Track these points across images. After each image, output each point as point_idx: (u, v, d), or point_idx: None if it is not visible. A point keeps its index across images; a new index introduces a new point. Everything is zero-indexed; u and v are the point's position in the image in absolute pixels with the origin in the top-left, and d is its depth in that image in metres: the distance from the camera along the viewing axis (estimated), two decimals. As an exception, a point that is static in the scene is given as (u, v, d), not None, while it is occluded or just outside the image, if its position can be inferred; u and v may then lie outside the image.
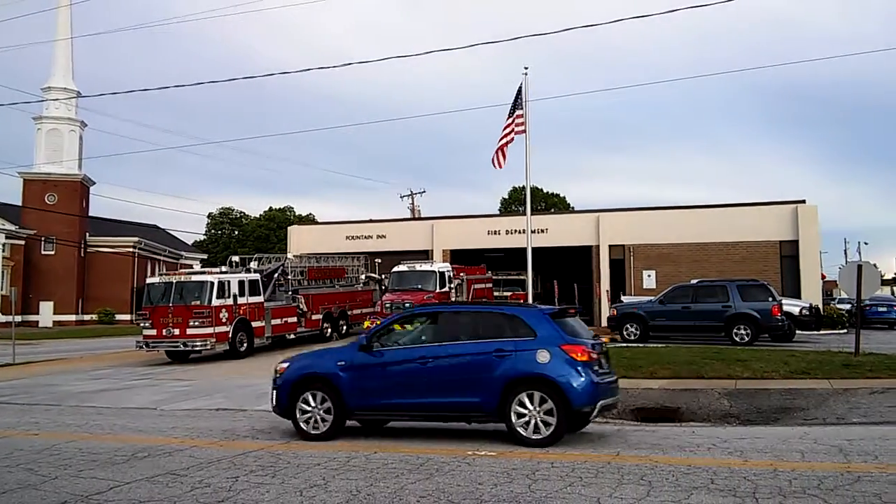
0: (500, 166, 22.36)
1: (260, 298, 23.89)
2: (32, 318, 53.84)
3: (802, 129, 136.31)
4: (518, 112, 22.07)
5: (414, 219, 51.66)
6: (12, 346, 23.82)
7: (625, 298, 29.48)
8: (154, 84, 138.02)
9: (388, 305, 26.68)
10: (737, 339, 21.78)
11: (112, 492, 6.73)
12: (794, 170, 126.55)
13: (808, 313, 25.01)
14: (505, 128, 22.37)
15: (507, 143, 22.26)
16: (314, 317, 27.07)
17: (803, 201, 32.96)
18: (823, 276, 42.53)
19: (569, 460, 7.61)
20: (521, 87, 22.36)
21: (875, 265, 16.88)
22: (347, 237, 39.42)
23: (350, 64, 35.78)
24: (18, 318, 32.56)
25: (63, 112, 57.17)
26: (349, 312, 29.60)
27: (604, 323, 28.40)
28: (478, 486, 6.55)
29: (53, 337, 40.17)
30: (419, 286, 27.44)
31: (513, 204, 77.52)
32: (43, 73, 60.89)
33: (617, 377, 9.86)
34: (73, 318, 56.19)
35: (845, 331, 28.46)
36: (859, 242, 74.74)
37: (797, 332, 24.42)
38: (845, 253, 74.89)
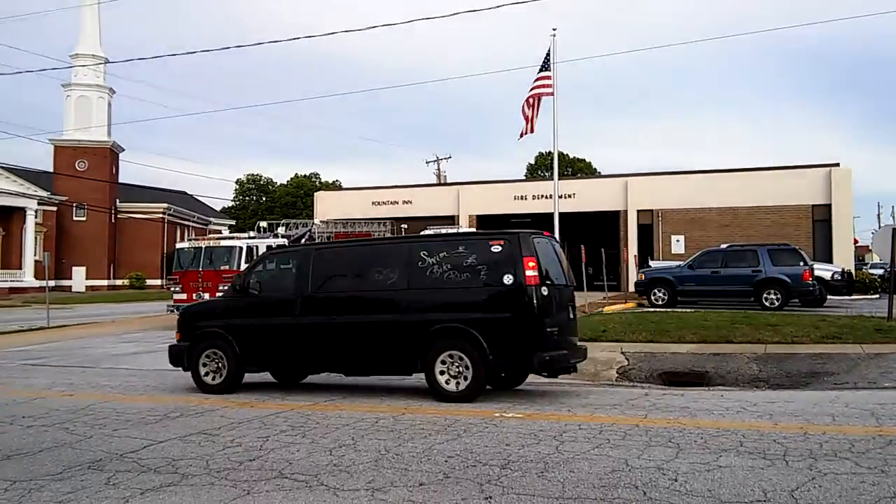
0: (528, 132, 22.06)
1: (288, 263, 24.04)
2: (66, 283, 54.89)
3: (835, 91, 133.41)
4: (545, 73, 21.73)
5: (440, 184, 51.54)
6: (46, 310, 24.29)
7: (653, 263, 29.27)
8: (181, 49, 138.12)
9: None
10: (766, 303, 21.55)
11: (146, 450, 6.86)
12: (825, 133, 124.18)
13: (839, 278, 24.68)
14: (529, 96, 21.95)
15: (535, 109, 21.91)
16: (341, 281, 27.18)
17: (837, 164, 32.32)
18: (856, 241, 41.90)
19: (596, 422, 7.61)
20: (549, 50, 22.02)
21: (910, 229, 16.51)
22: (373, 203, 39.49)
23: (375, 27, 35.44)
24: (52, 283, 33.18)
25: (91, 79, 57.58)
26: (376, 277, 29.70)
27: (631, 288, 28.25)
28: (505, 447, 6.58)
29: (86, 301, 40.92)
30: (446, 251, 27.38)
31: (538, 169, 77.08)
32: (71, 39, 61.18)
33: None
34: (104, 282, 57.20)
35: (877, 296, 28.05)
36: (893, 206, 73.47)
37: (828, 297, 24.10)
38: (878, 217, 73.79)
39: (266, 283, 10.72)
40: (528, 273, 9.06)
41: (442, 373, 9.26)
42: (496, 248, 9.38)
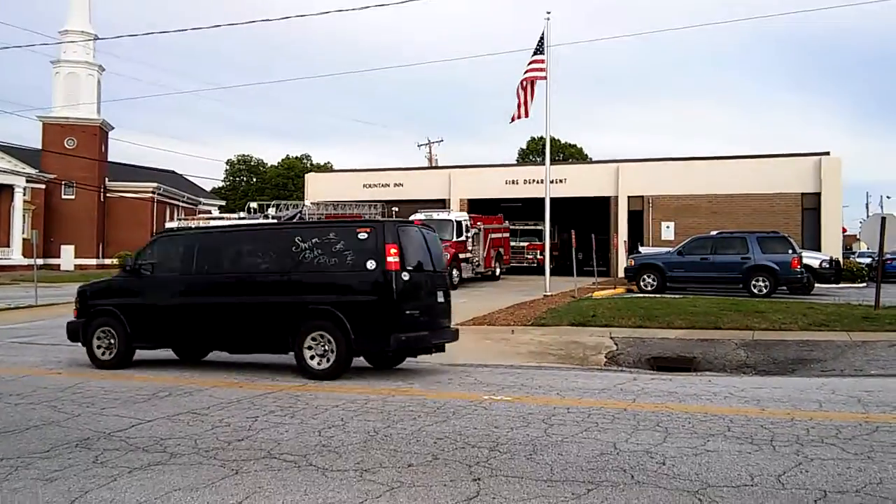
0: (520, 117, 21.90)
1: (277, 244, 23.95)
2: (54, 261, 54.47)
3: (826, 80, 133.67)
4: (539, 57, 21.58)
5: (431, 167, 51.38)
6: (34, 288, 24.14)
7: (643, 249, 29.30)
8: (171, 27, 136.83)
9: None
10: (755, 290, 21.63)
11: (134, 429, 6.84)
12: (817, 122, 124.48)
13: (827, 266, 24.80)
14: (522, 79, 21.79)
15: (528, 92, 21.75)
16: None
17: (827, 153, 32.37)
18: (844, 230, 42.08)
19: (585, 406, 7.64)
20: (543, 34, 21.87)
21: (899, 218, 16.60)
22: (364, 185, 39.29)
23: (367, 7, 35.13)
24: (40, 262, 32.93)
25: (81, 56, 56.85)
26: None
27: (620, 274, 28.31)
28: (494, 430, 6.60)
29: (75, 280, 40.48)
30: (436, 234, 27.33)
31: (530, 154, 77.00)
32: (61, 15, 60.43)
33: None
34: (93, 261, 56.83)
35: (864, 284, 28.23)
36: (881, 196, 73.83)
37: (816, 285, 24.22)
38: (867, 207, 74.11)
39: (156, 264, 11.14)
40: (390, 259, 9.56)
41: (309, 348, 9.74)
42: (363, 236, 9.86)
